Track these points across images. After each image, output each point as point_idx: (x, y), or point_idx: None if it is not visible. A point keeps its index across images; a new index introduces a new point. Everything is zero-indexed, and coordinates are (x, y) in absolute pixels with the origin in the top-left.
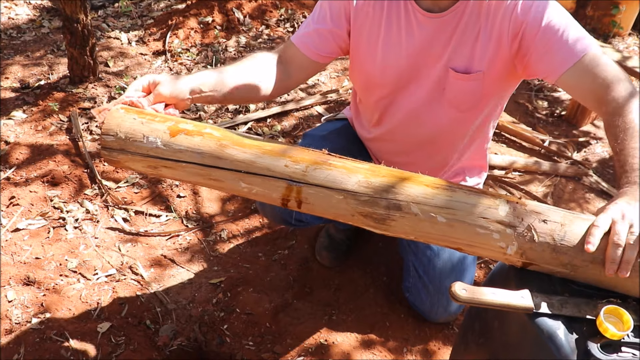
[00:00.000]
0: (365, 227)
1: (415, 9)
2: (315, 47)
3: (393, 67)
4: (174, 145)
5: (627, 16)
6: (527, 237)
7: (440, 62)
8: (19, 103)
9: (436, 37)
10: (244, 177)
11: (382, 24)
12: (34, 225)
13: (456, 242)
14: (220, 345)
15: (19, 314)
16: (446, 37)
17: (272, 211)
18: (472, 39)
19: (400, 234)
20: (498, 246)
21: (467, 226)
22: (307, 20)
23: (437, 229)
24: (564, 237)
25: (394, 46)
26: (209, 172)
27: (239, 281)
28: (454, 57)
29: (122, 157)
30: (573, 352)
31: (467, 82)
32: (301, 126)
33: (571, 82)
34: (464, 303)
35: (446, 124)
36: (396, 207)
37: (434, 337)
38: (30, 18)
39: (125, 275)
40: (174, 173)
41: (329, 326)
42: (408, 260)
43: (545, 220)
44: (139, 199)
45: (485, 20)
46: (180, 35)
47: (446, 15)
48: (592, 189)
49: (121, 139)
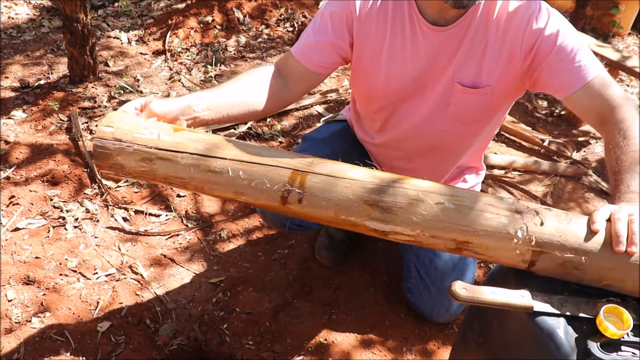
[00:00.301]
0: (367, 222)
1: (421, 22)
2: (316, 59)
3: (397, 80)
4: (175, 136)
5: (626, 16)
6: (535, 220)
7: (445, 75)
8: (18, 102)
9: (441, 50)
10: (246, 166)
11: (387, 35)
12: (33, 224)
13: (464, 230)
14: (220, 344)
15: (19, 313)
16: (451, 50)
17: (272, 215)
18: (479, 52)
19: (406, 226)
20: (507, 231)
21: (476, 211)
22: (307, 31)
23: (445, 215)
24: (570, 221)
25: (398, 59)
26: (208, 163)
27: (239, 280)
28: (460, 71)
29: (115, 148)
30: (573, 351)
31: (475, 97)
32: (301, 126)
33: (580, 101)
34: (464, 302)
35: (451, 136)
36: (403, 195)
37: (434, 337)
38: (30, 17)
39: (125, 275)
40: (168, 168)
41: (328, 325)
42: (409, 261)
43: (549, 208)
44: (138, 199)
45: (494, 34)
46: (180, 35)
47: (452, 29)
48: (591, 189)
49: (120, 129)
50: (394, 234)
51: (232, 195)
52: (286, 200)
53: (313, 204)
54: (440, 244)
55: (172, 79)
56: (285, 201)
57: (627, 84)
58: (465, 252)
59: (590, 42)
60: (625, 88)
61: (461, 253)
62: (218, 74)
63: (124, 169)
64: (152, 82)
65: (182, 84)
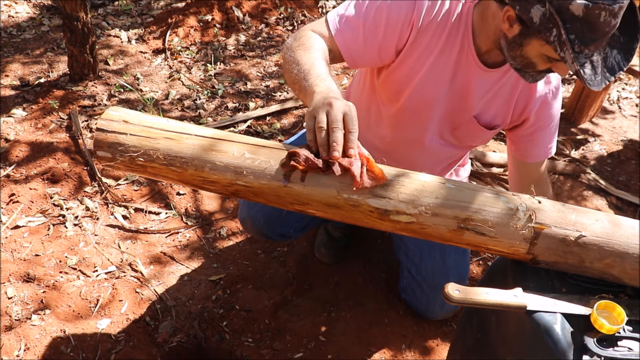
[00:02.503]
0: (369, 199)
1: (472, 55)
2: (358, 56)
3: (425, 96)
4: (184, 123)
5: None
6: (533, 200)
7: (469, 112)
8: (19, 101)
9: (477, 88)
10: (252, 148)
11: (434, 52)
12: (33, 222)
13: (466, 206)
14: (220, 341)
15: (19, 310)
16: (484, 90)
17: (254, 226)
18: (505, 97)
19: (408, 203)
20: (508, 207)
21: (475, 191)
22: (355, 16)
23: (447, 192)
24: (564, 204)
25: (436, 78)
26: (213, 144)
27: (239, 278)
28: (483, 111)
29: (120, 127)
30: (570, 346)
31: (485, 133)
32: (300, 124)
33: (528, 170)
34: (458, 304)
35: (445, 154)
36: (405, 175)
37: (433, 334)
38: (30, 16)
39: (125, 272)
40: (170, 147)
41: (327, 323)
42: (401, 261)
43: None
44: (138, 197)
45: (523, 84)
46: (180, 34)
47: (495, 72)
48: (590, 187)
49: (127, 114)
50: (396, 213)
51: (231, 177)
52: (289, 179)
53: (315, 182)
54: (442, 225)
55: (172, 78)
56: (288, 179)
57: (625, 82)
58: (467, 234)
59: None
60: (623, 86)
61: (462, 238)
62: (218, 73)
63: (122, 149)
64: (151, 80)
65: (181, 83)
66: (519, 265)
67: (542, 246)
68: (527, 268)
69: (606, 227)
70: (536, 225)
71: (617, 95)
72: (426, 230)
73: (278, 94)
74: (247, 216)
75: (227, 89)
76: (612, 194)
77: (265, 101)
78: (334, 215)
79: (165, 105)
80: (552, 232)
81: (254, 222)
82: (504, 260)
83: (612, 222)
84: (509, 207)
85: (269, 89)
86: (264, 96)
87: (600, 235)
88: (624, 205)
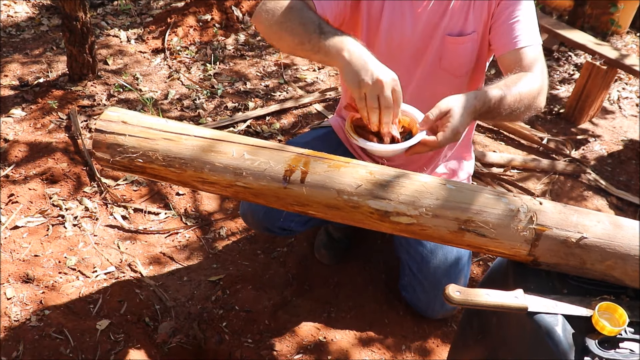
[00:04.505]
0: (369, 201)
1: None
2: (329, 12)
3: (397, 45)
4: (183, 123)
5: (625, 14)
6: (534, 201)
7: (437, 32)
8: (18, 101)
9: (435, 10)
10: (251, 149)
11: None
12: (33, 222)
13: (467, 207)
14: (219, 342)
15: (18, 311)
16: (443, 8)
17: (255, 219)
18: (467, 4)
19: (409, 204)
20: (509, 209)
21: (476, 192)
22: None
23: (448, 193)
24: (565, 205)
25: (397, 23)
26: (212, 145)
27: (238, 279)
28: (449, 24)
29: (119, 128)
30: (571, 348)
31: (463, 45)
32: (300, 124)
33: (507, 62)
34: (458, 305)
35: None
36: (405, 176)
37: (433, 335)
38: (29, 16)
39: (124, 273)
40: (169, 147)
41: (327, 323)
42: (402, 258)
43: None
44: (137, 197)
45: None
46: (179, 33)
47: None
48: (590, 187)
49: (126, 115)
50: (396, 214)
51: (231, 178)
52: (288, 180)
53: (315, 184)
54: (442, 227)
55: (171, 77)
56: (288, 180)
57: (625, 82)
58: (468, 235)
59: (589, 40)
60: (623, 86)
61: (463, 239)
62: (217, 72)
63: (121, 150)
64: (151, 80)
65: (181, 83)
66: (520, 267)
67: (543, 248)
68: (528, 269)
69: (608, 229)
70: (537, 227)
71: (617, 95)
72: (427, 231)
73: (277, 93)
74: (248, 209)
75: (226, 89)
76: (613, 194)
77: (264, 101)
78: (334, 216)
79: (164, 105)
80: (554, 234)
81: (254, 215)
82: (505, 261)
83: (614, 224)
84: (510, 209)
85: (269, 89)
86: (264, 96)
87: (601, 237)
88: (624, 205)
